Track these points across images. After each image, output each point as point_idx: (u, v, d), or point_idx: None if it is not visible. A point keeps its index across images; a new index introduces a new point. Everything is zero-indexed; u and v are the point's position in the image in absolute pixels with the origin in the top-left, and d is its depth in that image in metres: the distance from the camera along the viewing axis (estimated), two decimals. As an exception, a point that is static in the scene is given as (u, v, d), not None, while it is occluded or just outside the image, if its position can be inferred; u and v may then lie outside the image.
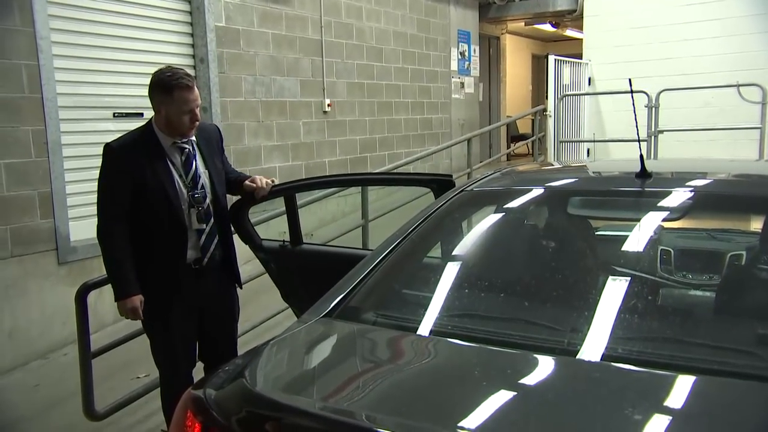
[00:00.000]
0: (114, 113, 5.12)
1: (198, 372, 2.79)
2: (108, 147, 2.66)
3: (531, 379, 1.52)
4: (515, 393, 1.46)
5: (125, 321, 2.78)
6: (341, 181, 4.44)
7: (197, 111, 2.66)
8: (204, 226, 2.74)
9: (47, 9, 4.53)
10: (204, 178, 2.76)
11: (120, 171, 2.63)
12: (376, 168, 7.72)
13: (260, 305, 4.30)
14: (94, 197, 2.71)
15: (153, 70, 2.70)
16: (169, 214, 2.66)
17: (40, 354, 4.47)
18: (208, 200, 2.75)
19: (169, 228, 2.67)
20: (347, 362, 1.75)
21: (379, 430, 1.33)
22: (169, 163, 2.68)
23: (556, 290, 1.91)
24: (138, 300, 2.65)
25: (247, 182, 2.91)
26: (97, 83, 5.01)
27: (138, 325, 2.92)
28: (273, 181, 2.94)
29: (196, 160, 2.75)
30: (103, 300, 4.36)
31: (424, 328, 1.77)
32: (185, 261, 2.72)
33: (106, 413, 3.21)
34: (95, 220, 2.70)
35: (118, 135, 2.78)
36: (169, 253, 2.69)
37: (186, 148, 2.72)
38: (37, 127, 4.49)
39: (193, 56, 5.84)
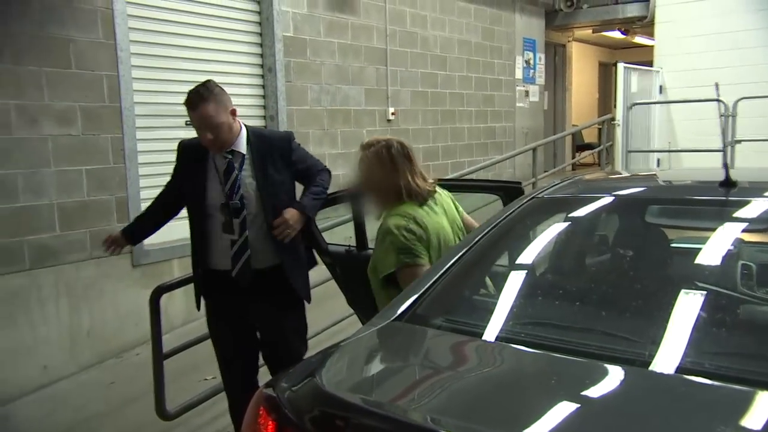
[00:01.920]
0: (186, 122, 5.24)
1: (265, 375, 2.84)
2: (179, 143, 2.90)
3: (606, 390, 1.47)
4: (585, 403, 1.42)
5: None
6: None
7: (203, 133, 2.62)
8: (233, 236, 2.71)
9: (128, 22, 4.75)
10: (247, 189, 2.71)
11: (177, 165, 2.87)
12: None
13: (325, 311, 4.33)
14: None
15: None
16: (198, 217, 2.78)
17: (114, 353, 4.65)
18: (245, 212, 2.71)
19: (197, 230, 2.81)
20: (415, 365, 1.75)
21: (444, 434, 1.32)
22: (212, 169, 2.74)
23: (630, 301, 1.84)
24: (114, 235, 2.91)
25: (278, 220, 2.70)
26: (171, 92, 5.17)
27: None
28: (298, 222, 2.75)
29: (240, 171, 2.71)
30: (173, 303, 4.49)
31: (493, 335, 1.74)
32: (211, 267, 2.80)
33: (177, 413, 3.30)
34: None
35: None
36: (198, 256, 2.84)
37: (228, 157, 2.71)
38: (116, 135, 4.69)
39: (262, 66, 5.98)
